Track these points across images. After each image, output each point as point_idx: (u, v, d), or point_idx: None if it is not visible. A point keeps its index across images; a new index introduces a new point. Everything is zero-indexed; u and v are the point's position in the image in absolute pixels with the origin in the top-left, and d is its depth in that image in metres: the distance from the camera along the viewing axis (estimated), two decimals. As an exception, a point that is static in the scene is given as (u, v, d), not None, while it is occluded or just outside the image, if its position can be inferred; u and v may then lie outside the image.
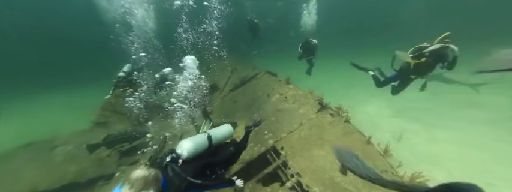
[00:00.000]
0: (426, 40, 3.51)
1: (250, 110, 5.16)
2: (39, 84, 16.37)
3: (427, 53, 3.34)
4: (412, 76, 3.75)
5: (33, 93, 14.30)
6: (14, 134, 6.99)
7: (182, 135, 4.80)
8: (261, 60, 11.74)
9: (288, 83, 5.51)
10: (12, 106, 11.64)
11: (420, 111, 6.23)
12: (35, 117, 9.43)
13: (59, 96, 13.25)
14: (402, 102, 6.77)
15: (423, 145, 4.59)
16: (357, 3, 28.53)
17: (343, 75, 11.38)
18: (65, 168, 4.36)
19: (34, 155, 4.65)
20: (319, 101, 4.18)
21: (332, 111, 3.76)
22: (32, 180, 4.07)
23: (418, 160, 3.97)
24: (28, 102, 12.79)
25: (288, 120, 4.01)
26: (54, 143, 5.00)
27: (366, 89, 8.75)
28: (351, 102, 6.98)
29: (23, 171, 4.27)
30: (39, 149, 4.80)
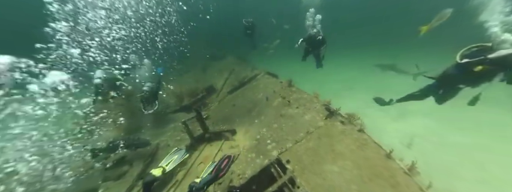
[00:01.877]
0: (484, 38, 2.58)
1: (250, 115, 4.71)
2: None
3: (492, 59, 2.38)
4: (462, 86, 2.97)
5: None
6: None
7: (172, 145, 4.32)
8: (261, 59, 11.32)
9: (290, 86, 5.07)
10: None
11: (425, 113, 5.91)
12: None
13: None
14: (406, 103, 6.47)
15: (436, 152, 4.26)
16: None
17: (344, 75, 11.08)
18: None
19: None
20: (326, 106, 3.76)
21: (342, 119, 3.35)
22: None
23: (435, 170, 3.62)
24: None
25: (293, 128, 3.58)
26: (30, 154, 4.43)
27: (368, 90, 8.47)
28: (353, 104, 6.64)
29: None
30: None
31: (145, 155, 4.10)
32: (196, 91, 6.61)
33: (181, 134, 4.56)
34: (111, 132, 5.06)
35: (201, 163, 3.71)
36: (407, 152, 4.20)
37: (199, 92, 6.59)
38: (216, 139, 4.21)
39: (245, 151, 3.62)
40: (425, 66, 10.18)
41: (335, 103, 4.13)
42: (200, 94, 6.41)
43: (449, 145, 4.46)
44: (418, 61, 12.04)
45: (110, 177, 4.11)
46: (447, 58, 3.16)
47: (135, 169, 3.88)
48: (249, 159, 3.39)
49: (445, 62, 3.19)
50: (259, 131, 3.96)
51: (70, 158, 4.23)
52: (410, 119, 5.68)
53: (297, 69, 13.39)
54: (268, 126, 3.94)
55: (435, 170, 3.67)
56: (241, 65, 8.73)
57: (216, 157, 3.72)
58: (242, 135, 4.11)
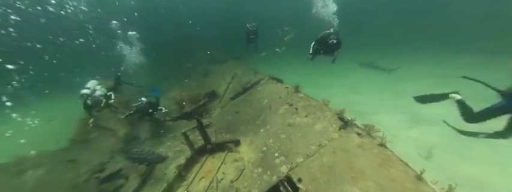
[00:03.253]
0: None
1: (255, 123, 4.36)
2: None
3: None
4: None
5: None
6: None
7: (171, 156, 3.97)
8: (261, 62, 10.98)
9: (297, 91, 4.73)
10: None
11: (441, 120, 5.48)
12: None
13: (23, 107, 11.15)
14: (418, 108, 6.04)
15: (458, 165, 3.84)
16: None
17: (349, 77, 10.69)
18: (32, 200, 3.50)
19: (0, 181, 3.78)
20: (339, 115, 3.40)
21: (359, 130, 2.98)
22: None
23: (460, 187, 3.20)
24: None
25: (303, 139, 3.22)
26: (22, 166, 4.13)
27: (375, 94, 8.07)
28: (361, 108, 6.25)
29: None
30: (4, 174, 3.93)
31: (142, 168, 3.77)
32: (197, 97, 6.30)
33: (181, 145, 4.23)
34: (109, 141, 4.76)
35: (202, 178, 3.36)
36: (426, 165, 3.78)
37: (200, 97, 6.28)
38: (219, 150, 3.86)
39: (250, 165, 3.27)
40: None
41: (340, 107, 3.78)
42: (202, 100, 6.09)
43: (473, 157, 4.03)
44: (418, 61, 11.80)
45: (106, 190, 3.79)
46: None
47: (131, 184, 3.55)
48: (255, 175, 3.04)
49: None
50: (265, 141, 3.61)
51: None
52: (426, 125, 5.25)
53: (297, 70, 13.12)
54: (275, 137, 3.58)
55: (461, 187, 3.26)
56: (244, 69, 8.45)
57: (218, 172, 3.36)
58: (247, 147, 3.76)
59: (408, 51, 14.93)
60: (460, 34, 17.08)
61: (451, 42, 15.27)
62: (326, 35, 4.55)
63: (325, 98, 4.19)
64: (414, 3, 24.05)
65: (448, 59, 11.28)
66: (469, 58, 10.73)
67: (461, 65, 10.11)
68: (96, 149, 4.58)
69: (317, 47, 4.81)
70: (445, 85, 7.59)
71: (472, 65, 9.61)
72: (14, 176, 3.92)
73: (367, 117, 4.74)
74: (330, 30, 4.60)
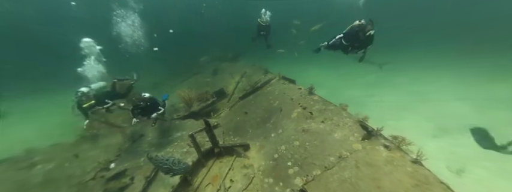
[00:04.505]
0: None
1: (265, 126, 4.04)
2: (19, 88, 13.33)
3: None
4: None
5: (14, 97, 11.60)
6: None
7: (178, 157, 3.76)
8: (268, 59, 10.53)
9: (311, 94, 4.34)
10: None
11: (470, 128, 4.87)
12: (16, 124, 8.26)
13: (38, 100, 11.09)
14: (444, 116, 5.45)
15: (496, 182, 3.32)
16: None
17: (362, 78, 10.02)
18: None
19: (9, 175, 3.75)
20: (361, 123, 3.00)
21: (386, 142, 2.58)
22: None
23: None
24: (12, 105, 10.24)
25: (320, 149, 2.87)
26: (33, 160, 4.09)
27: (392, 97, 7.45)
28: (378, 114, 5.73)
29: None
30: (15, 167, 3.90)
31: (147, 170, 3.59)
32: (206, 95, 6.06)
33: (187, 146, 4.00)
34: (115, 138, 4.65)
35: (209, 184, 3.11)
36: (457, 181, 3.31)
37: (209, 96, 6.03)
38: (227, 154, 3.59)
39: (260, 173, 2.97)
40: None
41: (356, 112, 3.37)
42: (210, 99, 5.83)
43: (510, 173, 3.49)
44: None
45: (110, 190, 3.66)
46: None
47: (136, 185, 3.37)
48: (266, 185, 2.74)
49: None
50: (277, 148, 3.29)
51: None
52: (453, 134, 4.69)
53: (306, 70, 12.56)
54: (288, 143, 3.25)
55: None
56: (254, 68, 8.10)
57: (226, 178, 3.09)
58: (256, 152, 3.46)
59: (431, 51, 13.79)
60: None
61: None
62: (361, 26, 3.64)
63: (331, 98, 3.79)
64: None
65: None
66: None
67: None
68: (104, 146, 4.48)
69: (342, 41, 3.92)
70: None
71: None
72: (24, 169, 3.89)
73: (388, 124, 4.26)
74: (362, 22, 3.72)
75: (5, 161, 4.04)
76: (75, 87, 4.18)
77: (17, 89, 12.81)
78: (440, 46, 14.84)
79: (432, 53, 13.75)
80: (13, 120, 8.44)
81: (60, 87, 11.35)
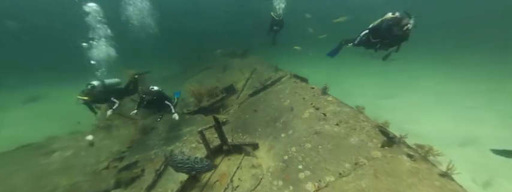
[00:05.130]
0: None
1: (275, 125, 3.89)
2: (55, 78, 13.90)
3: None
4: None
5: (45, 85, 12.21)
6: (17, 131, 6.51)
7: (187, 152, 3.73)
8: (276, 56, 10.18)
9: (325, 94, 4.10)
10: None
11: (498, 137, 4.41)
12: (43, 109, 8.74)
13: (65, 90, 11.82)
14: (468, 121, 4.97)
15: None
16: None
17: (377, 77, 9.43)
18: (57, 181, 3.57)
19: (29, 161, 3.95)
20: (381, 128, 2.75)
21: (410, 151, 2.33)
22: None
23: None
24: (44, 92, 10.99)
25: (334, 153, 2.68)
26: (52, 147, 4.28)
27: (411, 98, 6.94)
28: (396, 117, 5.34)
29: (15, 180, 3.58)
30: (35, 153, 4.11)
31: (157, 163, 3.60)
32: (215, 91, 5.99)
33: (197, 141, 3.97)
34: (128, 130, 4.74)
35: (217, 181, 3.05)
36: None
37: (218, 92, 5.95)
38: (235, 152, 3.51)
39: (269, 175, 2.85)
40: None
41: (373, 116, 3.10)
42: (220, 95, 5.75)
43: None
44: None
45: (122, 179, 3.75)
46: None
47: (146, 178, 3.40)
48: (275, 188, 2.61)
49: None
50: (287, 149, 3.14)
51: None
52: (481, 144, 4.26)
53: (319, 68, 12.04)
54: (299, 145, 3.09)
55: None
56: (264, 65, 7.89)
57: (234, 176, 3.02)
58: (265, 152, 3.34)
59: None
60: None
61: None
62: (396, 19, 3.05)
63: (345, 99, 3.50)
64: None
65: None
66: None
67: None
68: (117, 137, 4.59)
69: (369, 38, 3.38)
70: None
71: None
72: (44, 156, 4.08)
73: (406, 127, 3.91)
74: (396, 14, 3.14)
75: (28, 146, 4.27)
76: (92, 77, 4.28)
77: (48, 78, 13.54)
78: (477, 44, 13.38)
79: (464, 50, 12.55)
80: (45, 106, 8.98)
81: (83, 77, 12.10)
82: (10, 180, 3.50)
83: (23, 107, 9.14)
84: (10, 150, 4.16)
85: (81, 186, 3.59)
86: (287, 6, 7.50)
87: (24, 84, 12.45)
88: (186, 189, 2.93)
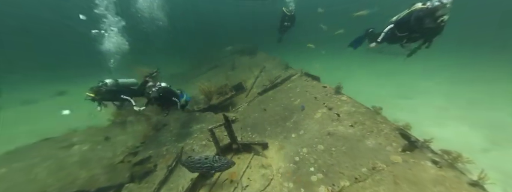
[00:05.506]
0: None
1: (285, 125, 3.79)
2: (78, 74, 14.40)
3: None
4: None
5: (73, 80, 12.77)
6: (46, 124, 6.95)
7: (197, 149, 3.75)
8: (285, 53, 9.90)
9: (338, 93, 3.91)
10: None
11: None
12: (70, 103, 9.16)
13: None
14: (498, 125, 4.54)
15: None
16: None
17: (391, 76, 8.93)
18: (77, 173, 3.76)
19: (51, 153, 4.20)
20: (401, 131, 2.56)
21: (435, 156, 2.14)
22: (43, 183, 3.57)
23: None
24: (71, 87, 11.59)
25: (349, 156, 2.54)
26: (71, 140, 4.51)
27: (431, 99, 6.48)
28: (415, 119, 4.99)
29: (37, 170, 3.82)
30: (56, 146, 4.35)
31: (169, 159, 3.67)
32: (224, 89, 5.97)
33: (207, 139, 3.98)
34: (141, 126, 4.88)
35: (226, 179, 3.03)
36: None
37: (227, 90, 5.93)
38: (245, 151, 3.47)
39: (279, 176, 2.78)
40: None
41: (390, 116, 2.88)
42: (229, 93, 5.73)
43: None
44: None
45: (137, 172, 3.87)
46: None
47: (159, 173, 3.48)
48: (286, 190, 2.54)
49: None
50: (298, 150, 3.04)
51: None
52: (510, 149, 3.88)
53: (332, 66, 11.59)
54: (310, 146, 2.97)
55: None
56: (273, 62, 7.74)
57: (243, 175, 2.98)
58: (275, 152, 3.26)
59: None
60: None
61: None
62: (428, 10, 2.64)
63: (360, 98, 3.27)
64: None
65: None
66: None
67: None
68: (131, 132, 4.74)
69: (394, 32, 2.93)
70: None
71: None
72: (64, 149, 4.31)
73: (427, 131, 3.63)
74: (427, 4, 2.70)
75: (50, 139, 4.53)
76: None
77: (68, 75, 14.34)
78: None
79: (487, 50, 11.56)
80: (70, 99, 9.57)
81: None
82: (34, 171, 3.74)
83: (51, 99, 9.77)
84: (33, 142, 4.44)
85: (99, 179, 3.75)
86: (299, 2, 7.19)
87: (52, 79, 13.24)
88: (196, 187, 2.95)
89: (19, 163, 3.92)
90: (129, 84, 4.13)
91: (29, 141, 4.48)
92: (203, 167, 2.39)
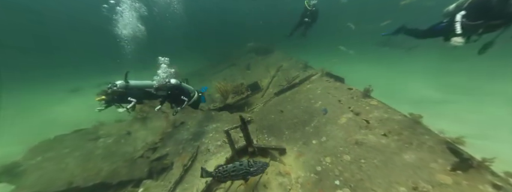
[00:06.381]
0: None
1: (304, 130, 3.53)
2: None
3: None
4: None
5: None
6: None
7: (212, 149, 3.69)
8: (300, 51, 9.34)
9: (367, 96, 3.51)
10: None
11: None
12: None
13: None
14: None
15: None
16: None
17: (433, 78, 7.85)
18: (101, 165, 3.99)
19: (80, 144, 4.54)
20: (450, 145, 2.15)
21: (497, 179, 1.73)
22: (71, 172, 3.85)
23: None
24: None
25: (383, 171, 2.21)
26: (98, 133, 4.82)
27: (479, 106, 5.54)
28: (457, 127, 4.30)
29: (68, 160, 4.13)
30: (85, 138, 4.68)
31: (185, 157, 3.67)
32: (240, 88, 5.87)
33: (222, 139, 3.91)
34: (160, 123, 5.02)
35: (241, 185, 2.91)
36: None
37: (243, 89, 5.81)
38: (261, 155, 3.30)
39: (299, 187, 2.55)
40: None
41: (441, 129, 2.42)
42: (245, 93, 5.61)
43: None
44: None
45: (155, 168, 3.98)
46: None
47: (175, 172, 3.50)
48: (306, 202, 2.32)
49: None
50: (320, 159, 2.77)
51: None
52: None
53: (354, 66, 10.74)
54: (335, 156, 2.68)
55: None
56: (291, 61, 7.41)
57: (259, 181, 2.82)
58: (294, 159, 3.03)
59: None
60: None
61: None
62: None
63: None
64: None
65: None
66: None
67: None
68: (151, 128, 4.90)
69: (465, 21, 2.25)
70: None
71: None
72: (92, 141, 4.61)
73: (473, 143, 3.02)
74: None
75: (81, 131, 4.90)
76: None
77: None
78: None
79: None
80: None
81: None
82: (64, 160, 4.06)
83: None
84: (67, 133, 4.83)
85: (120, 172, 3.93)
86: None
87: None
88: (211, 189, 2.87)
89: (52, 152, 4.29)
90: (143, 86, 3.77)
91: (66, 131, 4.91)
92: (239, 174, 2.25)
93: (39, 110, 8.96)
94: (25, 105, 9.81)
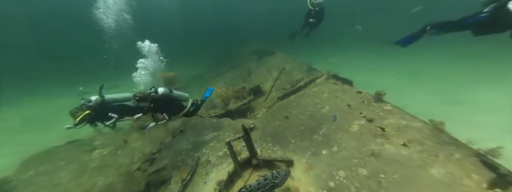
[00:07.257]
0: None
1: (312, 138, 3.29)
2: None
3: None
4: None
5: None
6: None
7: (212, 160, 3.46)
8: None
9: (380, 101, 3.28)
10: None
11: None
12: None
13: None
14: None
15: None
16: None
17: (443, 78, 7.54)
18: (94, 180, 3.79)
19: (75, 156, 4.35)
20: (483, 158, 1.90)
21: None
22: (64, 188, 3.65)
23: None
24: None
25: (407, 188, 1.96)
26: (94, 144, 4.64)
27: (486, 104, 5.28)
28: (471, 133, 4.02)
29: (61, 174, 3.94)
30: (80, 150, 4.50)
31: (183, 171, 3.45)
32: (242, 92, 5.67)
33: (223, 149, 3.69)
34: (158, 132, 4.83)
35: (246, 202, 2.67)
36: None
37: (245, 94, 5.61)
38: (266, 167, 3.07)
39: (311, 204, 2.31)
40: None
41: (468, 138, 2.17)
42: (247, 98, 5.40)
43: None
44: None
45: (153, 181, 3.77)
46: None
47: (173, 187, 3.28)
48: (320, 224, 2.07)
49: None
50: (332, 172, 2.53)
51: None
52: None
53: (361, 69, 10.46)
54: (349, 169, 2.44)
55: None
56: (294, 63, 7.21)
57: (265, 198, 2.58)
58: (302, 172, 2.79)
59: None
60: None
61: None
62: None
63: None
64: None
65: None
66: None
67: None
68: (149, 138, 4.70)
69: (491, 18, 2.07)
70: None
71: None
72: (87, 152, 4.43)
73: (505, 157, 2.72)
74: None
75: (76, 142, 4.73)
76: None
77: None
78: None
79: None
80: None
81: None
82: (58, 174, 3.86)
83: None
84: (61, 144, 4.66)
85: (116, 187, 3.71)
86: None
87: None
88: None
89: (45, 165, 4.10)
90: (122, 100, 3.52)
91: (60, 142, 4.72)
92: (266, 189, 2.07)
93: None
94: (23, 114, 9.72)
